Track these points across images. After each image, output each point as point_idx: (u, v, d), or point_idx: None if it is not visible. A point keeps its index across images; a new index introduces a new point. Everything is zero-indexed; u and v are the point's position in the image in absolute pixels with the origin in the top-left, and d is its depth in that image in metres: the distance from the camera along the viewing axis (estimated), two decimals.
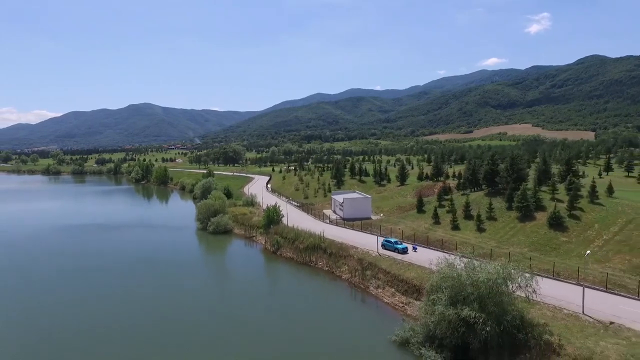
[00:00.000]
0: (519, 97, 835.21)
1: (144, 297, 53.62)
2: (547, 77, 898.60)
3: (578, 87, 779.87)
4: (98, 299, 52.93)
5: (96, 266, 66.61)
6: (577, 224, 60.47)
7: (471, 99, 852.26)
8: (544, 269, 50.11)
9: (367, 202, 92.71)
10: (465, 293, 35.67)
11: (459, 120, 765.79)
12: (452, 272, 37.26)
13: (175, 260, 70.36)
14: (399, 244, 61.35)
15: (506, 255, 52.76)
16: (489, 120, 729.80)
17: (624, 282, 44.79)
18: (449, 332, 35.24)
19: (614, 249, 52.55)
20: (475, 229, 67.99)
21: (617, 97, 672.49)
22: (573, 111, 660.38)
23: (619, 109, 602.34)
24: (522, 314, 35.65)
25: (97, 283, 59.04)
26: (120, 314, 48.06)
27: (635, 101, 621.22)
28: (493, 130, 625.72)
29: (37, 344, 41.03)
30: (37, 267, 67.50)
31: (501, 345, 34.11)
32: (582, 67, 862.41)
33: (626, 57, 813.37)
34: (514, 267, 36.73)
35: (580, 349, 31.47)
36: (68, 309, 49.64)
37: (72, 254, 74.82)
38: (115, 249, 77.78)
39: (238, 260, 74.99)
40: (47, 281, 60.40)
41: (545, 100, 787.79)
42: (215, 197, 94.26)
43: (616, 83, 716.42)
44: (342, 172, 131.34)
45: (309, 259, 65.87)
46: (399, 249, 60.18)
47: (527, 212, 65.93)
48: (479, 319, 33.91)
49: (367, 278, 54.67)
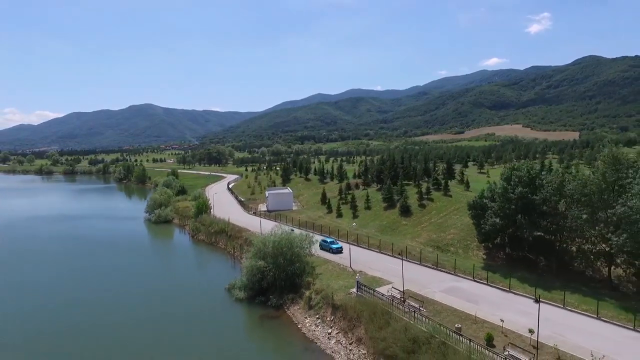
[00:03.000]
0: (515, 98, 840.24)
1: (72, 267, 70.90)
2: (544, 78, 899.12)
3: (572, 88, 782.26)
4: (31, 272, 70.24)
5: (40, 249, 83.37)
6: (421, 211, 76.66)
7: (467, 100, 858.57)
8: (373, 243, 66.05)
9: (289, 196, 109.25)
10: (265, 251, 52.39)
11: (454, 121, 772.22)
12: (264, 238, 54.06)
13: (112, 241, 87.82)
14: (335, 244, 62.29)
15: (357, 235, 69.00)
16: (482, 120, 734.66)
17: (414, 252, 60.80)
18: (252, 278, 51.97)
19: (428, 228, 68.91)
20: (352, 216, 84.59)
21: (608, 98, 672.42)
22: (564, 112, 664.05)
23: (608, 110, 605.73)
24: (304, 266, 52.27)
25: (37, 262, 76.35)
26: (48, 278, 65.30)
27: (625, 102, 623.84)
28: (483, 131, 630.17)
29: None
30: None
31: (283, 285, 50.84)
32: (578, 68, 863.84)
33: (621, 58, 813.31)
34: (305, 236, 53.48)
35: (322, 284, 48.12)
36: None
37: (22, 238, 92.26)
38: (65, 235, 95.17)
39: (162, 241, 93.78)
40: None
41: (540, 100, 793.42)
42: (161, 193, 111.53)
43: (609, 84, 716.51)
44: (289, 171, 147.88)
45: (215, 240, 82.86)
46: (333, 248, 61.01)
47: (390, 202, 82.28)
48: (267, 268, 50.74)
49: (244, 251, 71.31)
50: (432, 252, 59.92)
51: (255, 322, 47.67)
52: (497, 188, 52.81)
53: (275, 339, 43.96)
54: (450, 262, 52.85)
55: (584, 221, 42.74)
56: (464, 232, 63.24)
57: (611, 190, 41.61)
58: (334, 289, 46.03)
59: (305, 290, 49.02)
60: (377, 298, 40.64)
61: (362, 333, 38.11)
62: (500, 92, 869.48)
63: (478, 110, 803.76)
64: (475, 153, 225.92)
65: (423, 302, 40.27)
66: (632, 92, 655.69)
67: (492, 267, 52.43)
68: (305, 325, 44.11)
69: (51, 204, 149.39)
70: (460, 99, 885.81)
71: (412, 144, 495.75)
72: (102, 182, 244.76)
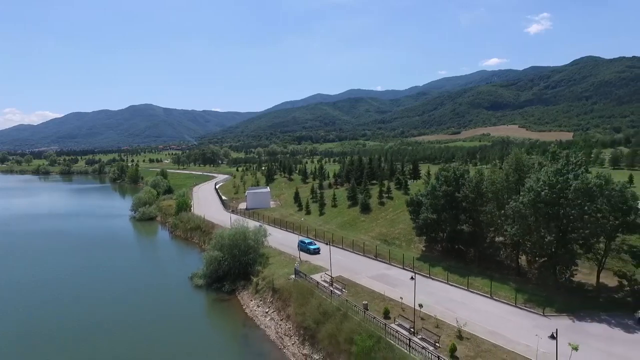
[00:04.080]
0: (512, 99, 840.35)
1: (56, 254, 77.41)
2: (542, 78, 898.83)
3: (570, 89, 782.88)
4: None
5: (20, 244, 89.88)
6: (379, 209, 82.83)
7: (464, 100, 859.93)
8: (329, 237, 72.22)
9: (267, 195, 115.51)
10: (222, 243, 58.70)
11: (451, 121, 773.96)
12: (222, 231, 60.37)
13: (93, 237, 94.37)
14: (312, 245, 63.27)
15: (321, 230, 75.25)
16: (479, 121, 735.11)
17: (364, 245, 66.86)
18: (210, 267, 58.28)
19: (381, 224, 75.10)
20: (319, 214, 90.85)
21: (604, 98, 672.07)
22: (561, 112, 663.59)
23: (604, 110, 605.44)
24: (257, 256, 58.56)
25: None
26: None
27: (621, 102, 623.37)
28: (479, 131, 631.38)
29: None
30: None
31: (237, 273, 57.15)
32: (576, 68, 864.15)
33: (619, 59, 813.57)
34: (259, 230, 59.83)
35: (270, 272, 54.41)
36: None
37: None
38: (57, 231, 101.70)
39: (142, 237, 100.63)
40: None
41: (537, 101, 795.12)
42: (146, 192, 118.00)
43: (606, 84, 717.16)
44: (273, 171, 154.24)
45: (190, 235, 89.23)
46: (310, 249, 61.69)
47: (353, 200, 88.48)
48: (223, 258, 57.07)
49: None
50: (380, 244, 66.07)
51: (209, 305, 54.04)
52: (429, 186, 58.97)
53: (222, 318, 50.35)
54: (392, 254, 58.85)
55: (493, 216, 48.88)
56: (410, 227, 69.21)
57: (513, 189, 47.72)
58: (277, 276, 52.27)
59: (254, 277, 55.30)
60: (307, 282, 46.86)
61: (291, 311, 44.35)
62: (497, 93, 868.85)
63: (475, 111, 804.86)
64: (459, 153, 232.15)
65: (346, 285, 46.43)
66: (627, 92, 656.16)
67: (428, 257, 58.56)
68: (250, 306, 50.44)
69: (43, 203, 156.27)
70: (458, 99, 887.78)
71: (406, 144, 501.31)
72: (97, 182, 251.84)
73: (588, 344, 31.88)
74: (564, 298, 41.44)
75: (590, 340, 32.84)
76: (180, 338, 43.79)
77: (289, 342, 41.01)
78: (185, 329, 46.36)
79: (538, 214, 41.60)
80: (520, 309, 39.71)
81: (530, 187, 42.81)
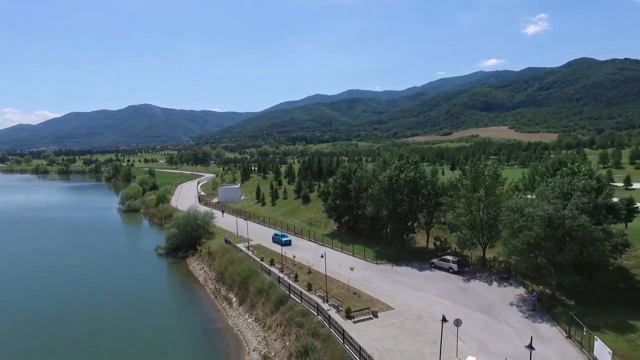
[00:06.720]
0: (506, 100, 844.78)
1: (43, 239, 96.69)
2: (536, 80, 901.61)
3: (562, 90, 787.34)
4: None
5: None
6: (317, 200, 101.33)
7: (459, 101, 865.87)
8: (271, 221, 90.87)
9: (236, 190, 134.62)
10: (179, 223, 77.94)
11: (445, 122, 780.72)
12: (178, 215, 79.61)
13: (86, 222, 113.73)
14: (284, 237, 69.92)
15: (268, 217, 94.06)
16: (472, 122, 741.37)
17: (292, 226, 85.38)
18: (169, 240, 77.51)
19: (313, 211, 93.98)
20: (271, 204, 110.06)
21: (594, 100, 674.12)
22: (551, 114, 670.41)
23: (592, 112, 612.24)
24: (204, 232, 77.69)
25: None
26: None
27: (610, 104, 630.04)
28: (470, 132, 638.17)
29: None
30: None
31: (188, 245, 76.43)
32: (570, 70, 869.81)
33: (611, 60, 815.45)
34: (207, 214, 79.16)
35: (212, 243, 73.59)
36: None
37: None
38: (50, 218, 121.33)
39: (125, 224, 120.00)
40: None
41: (530, 102, 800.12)
42: (131, 188, 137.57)
43: (597, 86, 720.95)
44: (249, 170, 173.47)
45: (164, 222, 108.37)
46: (282, 241, 67.21)
47: (299, 194, 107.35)
48: (178, 234, 76.38)
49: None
50: (305, 226, 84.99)
51: (165, 266, 73.36)
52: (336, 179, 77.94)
53: (172, 273, 69.89)
54: (310, 232, 77.12)
55: (365, 200, 67.97)
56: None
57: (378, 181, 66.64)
58: (215, 245, 71.53)
59: (200, 247, 74.55)
60: (231, 246, 66.07)
61: (216, 265, 63.51)
62: (492, 94, 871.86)
63: (469, 112, 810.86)
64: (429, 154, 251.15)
65: (258, 249, 65.40)
66: (617, 94, 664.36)
67: (335, 234, 77.34)
68: (192, 265, 69.89)
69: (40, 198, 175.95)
70: (453, 100, 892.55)
71: (396, 145, 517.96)
72: (93, 181, 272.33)
73: (387, 277, 50.82)
74: (402, 255, 60.26)
75: (392, 275, 51.69)
76: (144, 286, 63.11)
77: (210, 284, 60.28)
78: (147, 281, 65.62)
79: (383, 196, 60.61)
80: (364, 260, 58.68)
81: (380, 180, 61.86)
